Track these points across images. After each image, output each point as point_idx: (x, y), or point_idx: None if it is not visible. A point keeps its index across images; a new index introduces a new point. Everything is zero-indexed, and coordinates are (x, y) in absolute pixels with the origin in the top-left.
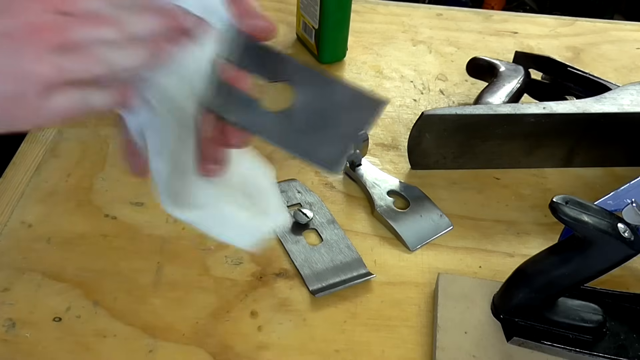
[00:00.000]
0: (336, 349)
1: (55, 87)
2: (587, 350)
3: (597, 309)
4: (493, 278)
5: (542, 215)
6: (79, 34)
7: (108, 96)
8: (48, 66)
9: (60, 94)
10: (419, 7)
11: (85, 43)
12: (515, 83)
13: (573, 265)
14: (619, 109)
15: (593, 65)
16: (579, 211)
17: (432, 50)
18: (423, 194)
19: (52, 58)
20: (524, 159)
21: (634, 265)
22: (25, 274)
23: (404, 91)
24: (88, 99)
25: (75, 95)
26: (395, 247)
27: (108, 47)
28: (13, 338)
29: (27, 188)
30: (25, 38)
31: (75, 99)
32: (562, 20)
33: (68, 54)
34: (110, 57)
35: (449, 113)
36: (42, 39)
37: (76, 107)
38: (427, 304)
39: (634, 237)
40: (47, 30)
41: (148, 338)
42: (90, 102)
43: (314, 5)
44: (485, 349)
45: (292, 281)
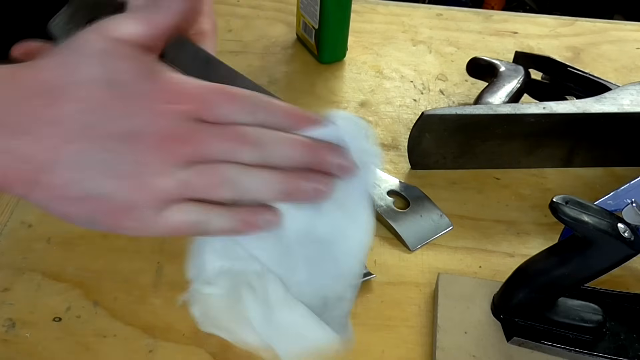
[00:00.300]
0: (336, 349)
1: (174, 202)
2: (587, 350)
3: (597, 309)
4: (493, 278)
5: (542, 215)
6: (213, 149)
7: (228, 222)
8: (172, 181)
9: (177, 210)
10: (419, 7)
11: (217, 160)
12: (515, 83)
13: (573, 265)
14: (619, 109)
15: (593, 65)
16: (579, 211)
17: (432, 50)
18: (423, 194)
19: (177, 172)
20: (524, 159)
21: (634, 265)
22: (25, 274)
23: (404, 91)
24: (206, 220)
25: (192, 214)
26: (395, 247)
27: (241, 170)
28: (13, 338)
29: None
30: (154, 145)
31: (191, 218)
32: (562, 20)
33: (196, 169)
34: (240, 182)
35: (449, 113)
36: (172, 150)
37: (190, 227)
38: (427, 304)
39: (634, 237)
40: (180, 140)
41: (148, 338)
42: (207, 225)
43: (314, 5)
44: (485, 349)
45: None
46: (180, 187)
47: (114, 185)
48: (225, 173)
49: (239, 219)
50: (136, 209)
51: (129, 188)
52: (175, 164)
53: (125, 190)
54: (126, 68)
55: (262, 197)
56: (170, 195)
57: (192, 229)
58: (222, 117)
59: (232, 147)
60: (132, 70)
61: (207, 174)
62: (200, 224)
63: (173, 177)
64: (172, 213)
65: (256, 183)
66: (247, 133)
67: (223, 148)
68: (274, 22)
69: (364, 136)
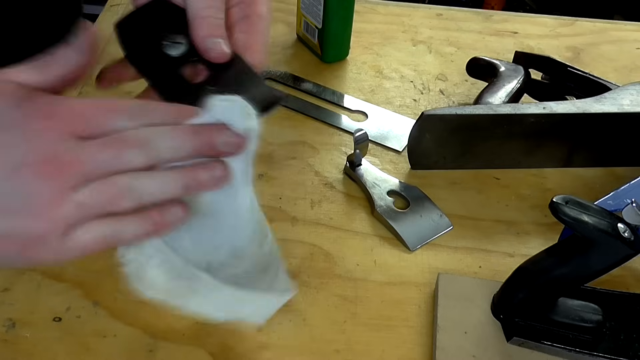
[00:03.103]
0: (336, 349)
1: (78, 224)
2: (587, 350)
3: (597, 309)
4: (493, 278)
5: (542, 215)
6: (99, 163)
7: (140, 227)
8: (68, 207)
9: (84, 231)
10: (419, 7)
11: (108, 173)
12: (515, 83)
13: (573, 265)
14: (619, 109)
15: (593, 65)
16: (579, 211)
17: (432, 50)
18: (423, 194)
19: (72, 196)
20: (524, 159)
21: (634, 265)
22: (25, 274)
23: (404, 91)
24: (116, 232)
25: (100, 230)
26: (395, 247)
27: (135, 176)
28: (13, 338)
29: None
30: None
31: (101, 234)
32: (562, 20)
33: (90, 188)
34: (137, 188)
35: (449, 113)
36: (59, 176)
37: (102, 243)
38: (427, 304)
39: (634, 237)
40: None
41: (148, 338)
42: (120, 236)
43: (317, 5)
44: (485, 349)
45: (292, 281)
46: (79, 209)
47: (12, 223)
48: (119, 184)
49: (149, 222)
50: (43, 240)
51: (28, 223)
52: (66, 188)
53: (26, 226)
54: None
55: (164, 197)
56: (72, 219)
57: (106, 243)
58: (100, 129)
59: (118, 154)
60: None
61: (101, 191)
62: (112, 237)
63: (69, 202)
64: (80, 234)
65: (154, 185)
66: (127, 136)
67: (109, 158)
68: (274, 22)
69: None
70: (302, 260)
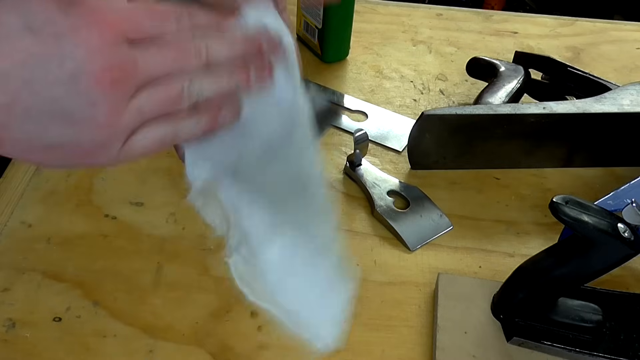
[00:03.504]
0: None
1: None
2: (587, 350)
3: (597, 309)
4: (493, 278)
5: (542, 215)
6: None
7: (195, 124)
8: (127, 114)
9: (143, 133)
10: (419, 7)
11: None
12: (515, 83)
13: (573, 265)
14: (619, 109)
15: (593, 65)
16: (579, 211)
17: (432, 50)
18: (423, 194)
19: (133, 102)
20: (524, 159)
21: (634, 265)
22: (25, 274)
23: (404, 91)
24: (173, 131)
25: (158, 131)
26: (395, 247)
27: (191, 77)
28: (13, 338)
29: (27, 188)
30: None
31: (159, 135)
32: (562, 20)
33: (150, 92)
34: (193, 90)
35: (449, 113)
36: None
37: (161, 142)
38: (427, 304)
39: (634, 237)
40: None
41: (148, 338)
42: (176, 135)
43: (317, 5)
44: (485, 349)
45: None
46: (140, 114)
47: (72, 132)
48: (178, 85)
49: (205, 120)
50: (105, 148)
51: (88, 131)
52: (127, 95)
53: (86, 134)
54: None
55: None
56: (130, 125)
57: (164, 144)
58: (150, 32)
59: (176, 56)
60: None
61: (161, 94)
62: (169, 136)
63: (127, 110)
64: (140, 138)
65: (208, 85)
66: (183, 39)
67: (167, 61)
68: None
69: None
70: None
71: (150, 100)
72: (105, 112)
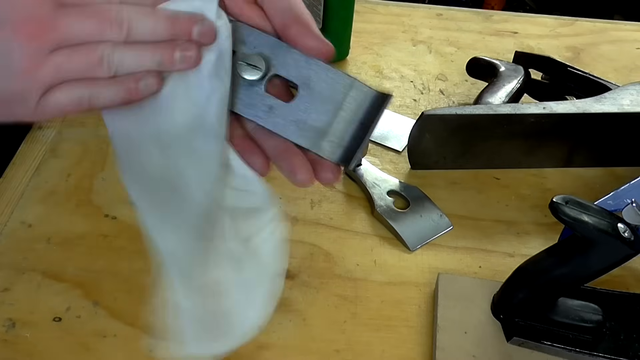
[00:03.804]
0: (336, 349)
1: (55, 85)
2: (587, 350)
3: (597, 309)
4: (493, 278)
5: (542, 215)
6: (79, 31)
7: (114, 92)
8: (46, 67)
9: (60, 91)
10: (419, 7)
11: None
12: (515, 83)
13: (573, 265)
14: (619, 109)
15: (593, 65)
16: (579, 211)
17: (432, 50)
18: (423, 194)
19: (51, 57)
20: (524, 159)
21: (634, 265)
22: (25, 274)
23: (404, 91)
24: (91, 95)
25: (75, 91)
26: (395, 247)
27: (112, 46)
28: (13, 338)
29: (27, 188)
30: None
31: (76, 95)
32: (562, 20)
33: (68, 51)
34: (114, 58)
35: (449, 113)
36: (39, 37)
37: (78, 104)
38: (427, 304)
39: (634, 237)
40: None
41: (148, 338)
42: (94, 99)
43: (317, 5)
44: (485, 349)
45: (292, 281)
46: (57, 71)
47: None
48: (97, 51)
49: (123, 88)
50: (21, 98)
51: (7, 80)
52: (45, 50)
53: (5, 83)
54: None
55: (139, 69)
56: (48, 79)
57: (81, 106)
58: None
59: (97, 25)
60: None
61: (79, 55)
62: (88, 99)
63: (47, 63)
64: (55, 95)
65: (130, 57)
66: (109, 10)
67: (88, 28)
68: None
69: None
70: (302, 260)
71: (69, 59)
72: (21, 61)
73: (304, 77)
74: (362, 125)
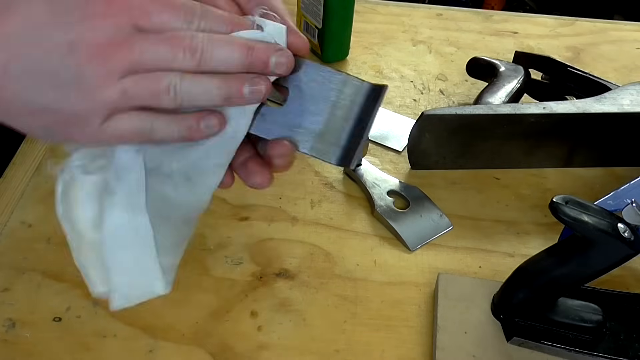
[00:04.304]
0: (336, 349)
1: (119, 111)
2: (587, 350)
3: (597, 309)
4: (493, 278)
5: (542, 215)
6: (150, 55)
7: (173, 128)
8: (113, 91)
9: (121, 118)
10: (419, 7)
11: (157, 68)
12: (515, 83)
13: (573, 265)
14: (619, 109)
15: (593, 65)
16: (579, 211)
17: (432, 50)
18: (423, 194)
19: (118, 82)
20: (524, 159)
21: (634, 265)
22: (25, 274)
23: (404, 91)
24: (150, 127)
25: (136, 122)
26: (395, 247)
27: (180, 76)
28: (13, 338)
29: (27, 188)
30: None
31: (136, 125)
32: (562, 20)
33: (136, 77)
34: (180, 89)
35: (449, 113)
36: (110, 59)
37: (138, 134)
38: (427, 304)
39: (634, 237)
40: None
41: (148, 338)
42: (152, 132)
43: (317, 5)
44: (485, 349)
45: (292, 281)
46: (123, 96)
47: (57, 96)
48: (166, 80)
49: (185, 125)
50: (84, 120)
51: (73, 98)
52: (115, 73)
53: (70, 101)
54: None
55: (203, 103)
56: (113, 104)
57: (138, 136)
58: (159, 25)
59: (171, 52)
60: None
61: (147, 82)
62: (145, 131)
63: (114, 88)
64: (117, 121)
65: (196, 89)
66: (184, 37)
67: (161, 54)
68: None
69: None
70: (302, 260)
71: (136, 84)
72: (91, 84)
73: (293, 78)
74: (359, 122)
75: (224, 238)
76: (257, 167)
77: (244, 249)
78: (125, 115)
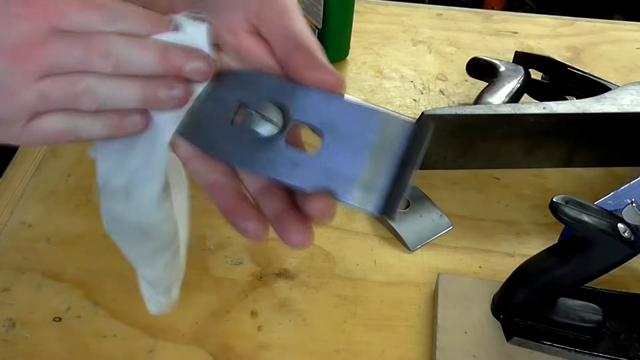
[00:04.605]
0: (336, 349)
1: (39, 113)
2: (587, 350)
3: (597, 309)
4: (493, 278)
5: (542, 215)
6: (68, 58)
7: (98, 127)
8: (31, 92)
9: (45, 119)
10: (419, 7)
11: (73, 70)
12: (515, 83)
13: (573, 265)
14: (619, 109)
15: (593, 65)
16: (579, 211)
17: (432, 50)
18: (423, 194)
19: (37, 84)
20: (524, 159)
21: (634, 265)
22: (25, 274)
23: (404, 91)
24: (75, 128)
25: (59, 123)
26: (395, 247)
27: (98, 79)
28: (13, 338)
29: (27, 188)
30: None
31: (59, 126)
32: (562, 20)
33: (54, 80)
34: (99, 91)
35: (449, 113)
36: (26, 62)
37: (64, 134)
38: (427, 304)
39: (634, 237)
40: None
41: (148, 338)
42: (77, 132)
43: (317, 5)
44: (485, 349)
45: (292, 281)
46: (41, 97)
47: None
48: (81, 83)
49: (107, 124)
50: (3, 121)
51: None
52: (31, 75)
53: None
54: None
55: (123, 105)
56: (32, 107)
57: (63, 137)
58: (77, 26)
59: (86, 54)
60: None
61: (64, 85)
62: (70, 131)
63: (32, 91)
64: (42, 122)
65: (113, 92)
66: (99, 41)
67: (77, 56)
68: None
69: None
70: (302, 260)
71: (53, 87)
72: (8, 84)
73: (327, 120)
74: (403, 166)
75: (224, 238)
76: (295, 224)
77: (244, 249)
78: (49, 116)
